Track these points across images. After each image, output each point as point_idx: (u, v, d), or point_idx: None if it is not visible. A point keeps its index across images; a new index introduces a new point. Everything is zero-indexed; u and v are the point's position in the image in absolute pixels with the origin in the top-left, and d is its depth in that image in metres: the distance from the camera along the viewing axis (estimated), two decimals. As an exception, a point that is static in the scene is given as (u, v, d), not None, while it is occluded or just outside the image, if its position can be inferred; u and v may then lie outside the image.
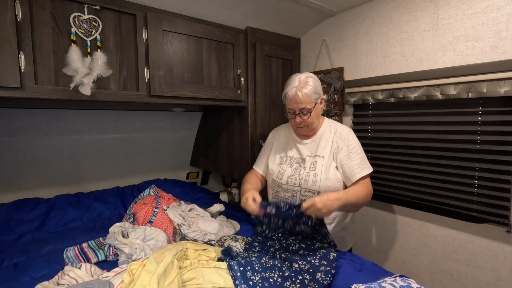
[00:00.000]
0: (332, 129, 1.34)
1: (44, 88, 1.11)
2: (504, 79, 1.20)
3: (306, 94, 1.22)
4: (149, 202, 1.52)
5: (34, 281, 1.00)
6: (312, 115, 1.25)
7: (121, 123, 1.87)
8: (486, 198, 1.35)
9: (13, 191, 1.60)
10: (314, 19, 1.88)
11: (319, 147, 1.32)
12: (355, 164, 1.25)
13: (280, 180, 1.35)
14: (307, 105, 1.23)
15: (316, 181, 1.25)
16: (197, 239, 1.29)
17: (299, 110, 1.24)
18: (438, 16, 1.39)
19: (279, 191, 1.36)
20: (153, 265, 0.92)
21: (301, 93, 1.21)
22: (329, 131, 1.34)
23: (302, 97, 1.21)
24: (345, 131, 1.32)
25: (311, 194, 1.27)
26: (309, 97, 1.22)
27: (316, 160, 1.29)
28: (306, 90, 1.22)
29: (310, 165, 1.30)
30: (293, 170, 1.33)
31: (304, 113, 1.24)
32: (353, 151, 1.27)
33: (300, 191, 1.29)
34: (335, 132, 1.32)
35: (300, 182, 1.29)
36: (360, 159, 1.27)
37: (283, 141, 1.44)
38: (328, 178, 1.25)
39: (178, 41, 1.45)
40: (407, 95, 1.50)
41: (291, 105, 1.26)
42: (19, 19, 1.04)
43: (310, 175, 1.27)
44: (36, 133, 1.59)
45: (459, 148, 1.41)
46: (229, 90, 1.65)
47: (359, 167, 1.25)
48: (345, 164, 1.26)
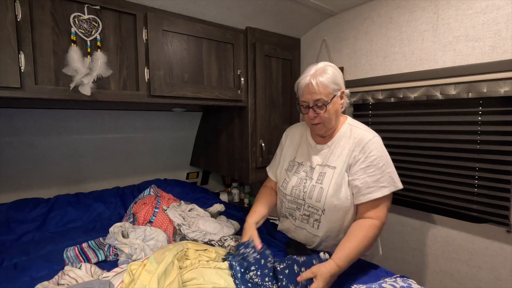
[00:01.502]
0: (352, 133, 1.11)
1: (44, 88, 1.11)
2: (504, 79, 1.20)
3: (322, 83, 1.03)
4: (149, 202, 1.52)
5: (34, 281, 1.00)
6: (328, 109, 1.05)
7: (121, 123, 1.87)
8: (486, 198, 1.35)
9: (13, 191, 1.60)
10: (314, 19, 1.87)
11: (332, 156, 1.12)
12: (371, 180, 1.03)
13: (284, 189, 1.21)
14: (322, 96, 1.04)
15: (321, 197, 1.08)
16: (197, 239, 1.29)
17: (313, 102, 1.05)
18: (438, 16, 1.39)
19: (283, 200, 1.24)
20: (154, 265, 0.92)
21: (315, 81, 1.03)
22: (348, 136, 1.11)
23: (316, 86, 1.03)
24: (367, 137, 1.07)
25: (314, 211, 1.11)
26: (326, 87, 1.03)
27: (326, 171, 1.11)
28: (322, 78, 1.03)
29: (318, 176, 1.12)
30: (298, 180, 1.17)
31: (319, 106, 1.05)
32: (373, 164, 1.03)
33: (304, 205, 1.15)
34: (354, 138, 1.09)
35: (304, 196, 1.13)
36: (380, 175, 1.03)
37: (296, 142, 1.28)
38: (335, 194, 1.06)
39: (178, 41, 1.45)
40: (407, 95, 1.50)
41: (304, 96, 1.07)
42: (19, 19, 1.03)
43: (316, 188, 1.10)
44: (36, 133, 1.59)
45: (459, 148, 1.41)
46: (229, 90, 1.65)
47: (375, 186, 1.02)
48: (358, 178, 1.04)
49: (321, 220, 1.11)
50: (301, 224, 1.20)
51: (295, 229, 1.24)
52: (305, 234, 1.20)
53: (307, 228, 1.18)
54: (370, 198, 1.03)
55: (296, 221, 1.22)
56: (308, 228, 1.18)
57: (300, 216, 1.19)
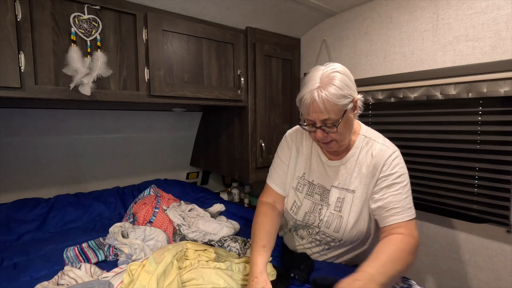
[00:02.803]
0: (370, 148, 0.97)
1: (44, 88, 1.11)
2: (504, 79, 1.20)
3: (330, 100, 0.84)
4: (149, 202, 1.52)
5: (34, 281, 1.00)
6: (340, 127, 0.87)
7: (121, 123, 1.87)
8: (486, 198, 1.35)
9: (13, 191, 1.60)
10: (314, 19, 1.87)
11: (349, 176, 0.97)
12: (396, 200, 0.89)
13: (295, 215, 1.05)
14: (331, 115, 0.85)
15: (340, 227, 0.96)
16: (197, 239, 1.29)
17: (321, 122, 0.88)
18: (438, 16, 1.39)
19: (289, 221, 1.09)
20: (153, 265, 0.92)
21: (320, 98, 0.84)
22: (366, 151, 0.97)
23: (323, 104, 0.84)
24: (387, 153, 0.94)
25: (329, 240, 1.01)
26: (335, 104, 0.84)
27: (344, 197, 0.97)
28: (329, 93, 0.83)
29: (335, 202, 0.98)
30: (312, 205, 1.02)
31: (328, 126, 0.88)
32: (397, 182, 0.90)
33: (318, 232, 1.03)
34: (372, 154, 0.95)
35: (320, 224, 1.00)
36: (405, 194, 0.90)
37: (305, 154, 1.08)
38: (356, 224, 0.95)
39: (178, 41, 1.45)
40: (407, 95, 1.50)
41: (309, 115, 0.88)
42: (19, 19, 1.04)
43: (334, 217, 0.97)
44: (36, 133, 1.59)
45: (459, 148, 1.41)
46: (229, 90, 1.65)
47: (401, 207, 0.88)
48: (381, 199, 0.91)
49: (335, 246, 1.03)
50: (309, 246, 1.09)
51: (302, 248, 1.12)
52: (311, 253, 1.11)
53: (314, 250, 1.09)
54: (396, 221, 0.88)
55: (303, 240, 1.11)
56: (315, 250, 1.09)
57: (309, 238, 1.07)
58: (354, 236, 0.96)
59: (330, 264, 1.08)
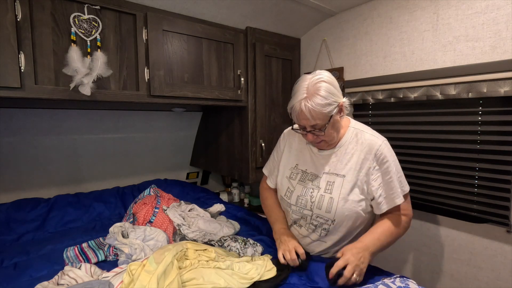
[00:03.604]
0: (359, 138, 1.06)
1: (44, 88, 1.11)
2: (504, 79, 1.20)
3: (315, 110, 0.94)
4: (149, 202, 1.52)
5: (34, 281, 1.00)
6: (328, 130, 0.99)
7: (121, 123, 1.87)
8: (486, 198, 1.35)
9: (13, 191, 1.60)
10: (314, 19, 1.88)
11: (339, 163, 1.06)
12: (389, 187, 1.02)
13: (289, 199, 1.14)
14: (318, 121, 0.96)
15: (331, 207, 1.03)
16: (197, 239, 1.29)
17: (310, 127, 1.00)
18: (438, 16, 1.39)
19: (288, 210, 1.17)
20: (153, 265, 0.92)
21: (307, 108, 0.94)
22: (355, 141, 1.06)
23: (309, 113, 0.94)
24: (376, 143, 1.03)
25: (323, 221, 1.07)
26: (320, 112, 0.94)
27: (334, 180, 1.05)
28: (314, 104, 0.93)
29: (326, 185, 1.06)
30: (304, 189, 1.10)
31: (317, 130, 1.00)
32: (388, 171, 1.01)
33: (311, 216, 1.09)
34: (362, 144, 1.05)
35: (312, 206, 1.07)
36: (398, 179, 1.02)
37: (296, 149, 1.20)
38: (346, 205, 1.02)
39: (178, 41, 1.45)
40: (407, 95, 1.50)
41: (299, 121, 1.01)
42: (19, 19, 1.04)
43: (325, 198, 1.05)
44: (36, 133, 1.59)
45: (459, 148, 1.41)
46: (229, 90, 1.65)
47: (394, 192, 1.01)
48: (379, 188, 1.02)
49: (330, 229, 1.08)
50: (308, 234, 1.14)
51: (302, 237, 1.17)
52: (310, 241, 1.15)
53: (313, 237, 1.13)
54: (391, 205, 1.03)
55: (301, 228, 1.16)
56: (313, 237, 1.13)
57: (306, 225, 1.13)
58: (345, 217, 1.03)
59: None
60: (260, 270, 1.02)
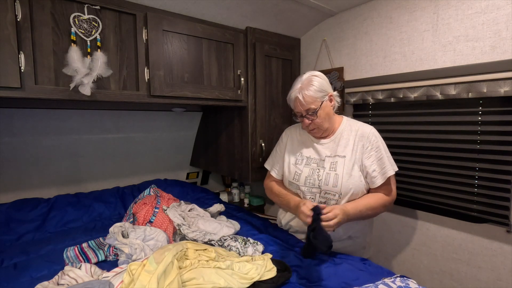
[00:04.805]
0: (352, 128, 1.26)
1: (44, 88, 1.11)
2: (504, 79, 1.20)
3: (308, 95, 1.17)
4: (149, 202, 1.52)
5: (34, 281, 1.00)
6: (319, 114, 1.19)
7: (121, 123, 1.87)
8: (486, 198, 1.35)
9: (13, 191, 1.60)
10: (314, 19, 1.88)
11: (339, 147, 1.24)
12: (381, 163, 1.19)
13: (297, 181, 1.27)
14: (311, 106, 1.18)
15: (337, 182, 1.18)
16: (197, 239, 1.29)
17: (305, 111, 1.20)
18: (438, 16, 1.39)
19: (298, 193, 1.29)
20: (153, 265, 0.92)
21: (301, 95, 1.18)
22: (349, 130, 1.26)
23: (303, 99, 1.18)
24: (367, 129, 1.24)
25: (331, 196, 1.20)
26: (312, 98, 1.18)
27: (337, 160, 1.22)
28: (307, 91, 1.17)
29: (330, 165, 1.22)
30: (311, 171, 1.25)
31: (310, 114, 1.20)
32: (379, 149, 1.20)
33: (320, 193, 1.22)
34: (356, 131, 1.24)
35: (320, 183, 1.21)
36: (386, 158, 1.20)
37: (298, 141, 1.36)
38: (350, 179, 1.18)
39: (178, 41, 1.45)
40: (407, 95, 1.50)
41: (296, 108, 1.23)
42: (19, 19, 1.04)
43: (331, 175, 1.20)
44: (36, 133, 1.59)
45: (459, 148, 1.41)
46: (229, 90, 1.65)
47: (385, 167, 1.19)
48: (371, 164, 1.19)
49: (338, 204, 1.19)
50: None
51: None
52: None
53: None
54: (385, 178, 1.18)
55: None
56: None
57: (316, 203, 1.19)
58: (350, 189, 1.18)
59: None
60: (260, 270, 1.02)
